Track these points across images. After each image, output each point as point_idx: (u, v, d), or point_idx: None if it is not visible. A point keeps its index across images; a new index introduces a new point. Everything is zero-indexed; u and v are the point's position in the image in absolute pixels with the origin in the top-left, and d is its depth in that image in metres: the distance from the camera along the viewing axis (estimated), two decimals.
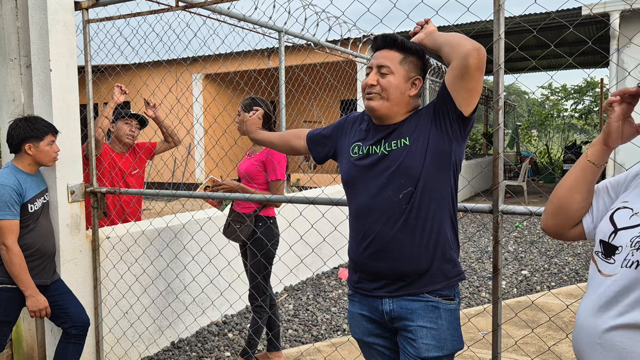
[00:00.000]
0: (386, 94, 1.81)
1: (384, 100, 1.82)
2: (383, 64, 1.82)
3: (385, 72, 1.82)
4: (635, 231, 1.15)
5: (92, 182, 3.24)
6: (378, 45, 1.88)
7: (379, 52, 1.86)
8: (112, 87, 3.57)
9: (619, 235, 1.18)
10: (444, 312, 1.85)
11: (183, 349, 3.74)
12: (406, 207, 1.80)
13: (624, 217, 1.20)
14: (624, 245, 1.16)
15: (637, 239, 1.13)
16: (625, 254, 1.14)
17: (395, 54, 1.83)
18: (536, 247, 6.88)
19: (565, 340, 3.71)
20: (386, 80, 1.81)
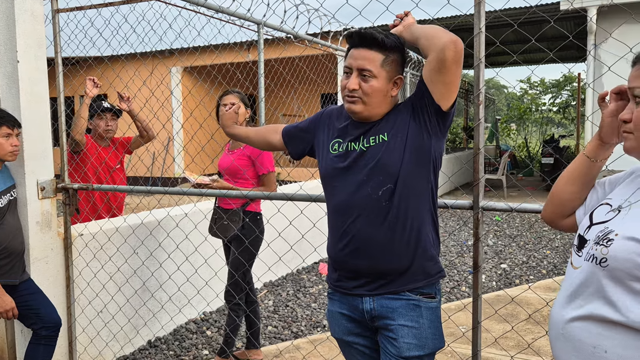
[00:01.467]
0: (368, 99, 1.74)
1: (366, 104, 1.75)
2: (365, 68, 1.72)
3: (368, 75, 1.73)
4: (602, 226, 1.18)
5: (64, 177, 3.14)
6: (355, 43, 1.76)
7: (357, 52, 1.75)
8: (84, 80, 3.47)
9: (591, 230, 1.21)
10: (425, 310, 1.82)
11: (160, 348, 3.67)
12: (386, 204, 1.76)
13: (601, 212, 1.23)
14: (590, 239, 1.19)
15: (600, 233, 1.16)
16: (589, 247, 1.17)
17: (376, 55, 1.73)
18: (515, 241, 6.93)
19: (544, 334, 3.73)
20: (369, 85, 1.73)
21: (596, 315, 1.11)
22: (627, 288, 1.07)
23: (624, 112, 1.18)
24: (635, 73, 1.16)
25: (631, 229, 1.10)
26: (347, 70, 1.78)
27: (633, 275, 1.06)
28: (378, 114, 1.79)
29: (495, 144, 17.40)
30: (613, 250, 1.10)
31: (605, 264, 1.10)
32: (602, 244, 1.13)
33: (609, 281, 1.10)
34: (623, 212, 1.19)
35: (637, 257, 1.06)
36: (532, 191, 11.42)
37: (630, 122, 1.16)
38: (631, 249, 1.06)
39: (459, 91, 1.79)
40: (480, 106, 1.99)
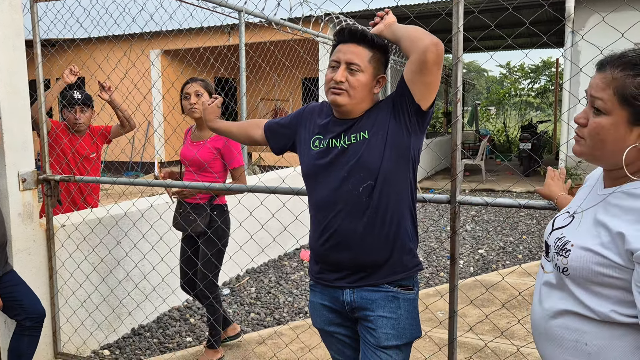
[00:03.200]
0: (354, 92, 1.80)
1: (351, 97, 1.80)
2: (353, 62, 1.78)
3: (355, 69, 1.79)
4: (559, 232, 1.26)
5: (45, 168, 3.13)
6: (345, 39, 1.82)
7: (346, 47, 1.81)
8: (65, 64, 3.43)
9: (551, 235, 1.29)
10: (403, 302, 1.89)
11: (144, 336, 3.71)
12: (366, 200, 1.81)
13: (560, 219, 1.30)
14: (551, 245, 1.26)
15: (557, 240, 1.23)
16: (552, 255, 1.24)
17: (364, 51, 1.80)
18: (492, 226, 7.09)
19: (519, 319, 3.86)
20: (356, 78, 1.79)
21: (572, 312, 1.19)
22: (590, 291, 1.15)
23: (580, 115, 1.21)
24: (599, 82, 1.16)
25: (583, 238, 1.17)
26: (334, 65, 1.82)
27: (592, 280, 1.14)
28: (360, 109, 1.84)
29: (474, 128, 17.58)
30: (571, 260, 1.17)
31: (567, 272, 1.18)
32: (562, 255, 1.20)
33: (574, 286, 1.17)
34: (577, 218, 1.25)
35: (592, 266, 1.13)
36: (511, 176, 11.62)
37: (585, 127, 1.19)
38: (586, 259, 1.14)
39: (442, 75, 1.84)
40: (458, 104, 2.04)
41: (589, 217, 1.21)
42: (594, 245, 1.14)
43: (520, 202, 1.98)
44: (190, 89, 3.11)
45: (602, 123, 1.14)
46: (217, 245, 3.12)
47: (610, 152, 1.15)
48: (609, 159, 1.17)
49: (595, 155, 1.19)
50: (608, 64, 1.16)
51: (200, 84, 3.13)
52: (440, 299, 3.99)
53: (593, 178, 1.34)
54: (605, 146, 1.16)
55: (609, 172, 1.22)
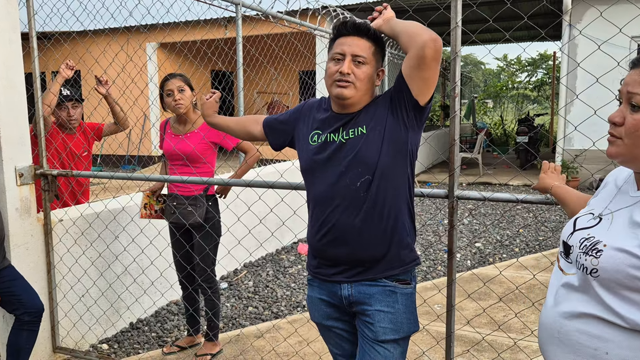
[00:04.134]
0: (360, 84, 1.79)
1: (357, 90, 1.80)
2: (359, 54, 1.78)
3: (361, 61, 1.79)
4: (584, 232, 1.19)
5: (42, 163, 3.13)
6: (348, 32, 1.82)
7: (349, 39, 1.80)
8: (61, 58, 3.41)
9: (574, 236, 1.22)
10: (401, 296, 1.90)
11: (142, 330, 3.72)
12: (364, 195, 1.82)
13: (583, 220, 1.24)
14: (574, 245, 1.20)
15: (584, 240, 1.17)
16: (576, 255, 1.18)
17: (367, 44, 1.81)
18: (489, 220, 7.11)
19: (516, 313, 3.88)
20: (362, 70, 1.79)
21: (595, 317, 1.12)
22: (620, 296, 1.09)
23: (615, 113, 1.14)
24: (637, 78, 1.11)
25: (619, 239, 1.11)
26: (338, 57, 1.80)
27: (624, 285, 1.07)
28: (362, 102, 1.85)
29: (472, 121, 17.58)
30: (603, 261, 1.10)
31: (596, 274, 1.11)
32: (592, 255, 1.13)
33: (602, 289, 1.11)
34: (605, 220, 1.19)
35: (627, 268, 1.07)
36: (508, 169, 11.64)
37: (621, 126, 1.13)
38: (621, 261, 1.07)
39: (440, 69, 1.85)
40: (457, 99, 2.04)
41: (623, 219, 1.15)
42: (632, 247, 1.07)
43: (518, 196, 1.98)
44: (171, 85, 3.07)
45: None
46: (214, 236, 3.13)
47: None
48: None
49: (635, 155, 1.13)
50: None
51: (180, 79, 3.10)
52: (438, 292, 4.01)
53: (617, 179, 1.29)
54: None
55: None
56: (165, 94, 3.11)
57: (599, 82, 1.97)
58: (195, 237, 3.12)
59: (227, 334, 3.62)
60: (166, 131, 3.22)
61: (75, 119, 3.58)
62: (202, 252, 3.11)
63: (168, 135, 3.19)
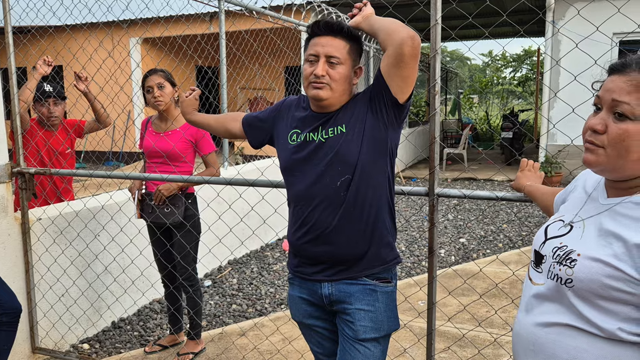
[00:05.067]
0: (336, 85, 1.78)
1: (333, 91, 1.78)
2: (332, 54, 1.76)
3: (335, 62, 1.77)
4: (557, 241, 1.17)
5: (20, 161, 3.07)
6: (321, 32, 1.79)
7: (323, 39, 1.78)
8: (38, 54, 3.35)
9: (546, 245, 1.20)
10: (381, 294, 1.89)
11: (124, 329, 3.68)
12: (344, 194, 1.81)
13: (555, 228, 1.22)
14: (547, 255, 1.18)
15: (557, 250, 1.15)
16: (549, 265, 1.16)
17: (342, 43, 1.78)
18: (474, 215, 7.15)
19: (498, 307, 3.91)
20: (336, 71, 1.77)
21: (570, 326, 1.10)
22: (596, 305, 1.07)
23: (595, 120, 1.11)
24: (622, 85, 1.07)
25: (592, 249, 1.09)
26: (312, 59, 1.79)
27: (599, 294, 1.06)
28: (340, 102, 1.83)
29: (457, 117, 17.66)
30: (578, 271, 1.08)
31: (571, 284, 1.09)
32: (566, 265, 1.11)
33: (577, 299, 1.09)
34: (577, 228, 1.17)
35: (602, 278, 1.05)
36: (492, 165, 11.72)
37: (602, 134, 1.09)
38: (595, 270, 1.06)
39: (423, 64, 1.84)
40: (437, 96, 2.04)
41: (594, 226, 1.13)
42: (605, 256, 1.05)
43: (497, 194, 1.99)
44: (151, 81, 3.03)
45: (628, 129, 1.05)
46: (194, 235, 3.11)
47: (634, 161, 1.07)
48: (630, 169, 1.08)
49: (616, 165, 1.09)
50: (633, 65, 1.07)
51: (161, 75, 3.05)
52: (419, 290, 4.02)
53: (585, 184, 1.27)
54: (629, 155, 1.06)
55: (617, 182, 1.13)
56: (145, 90, 3.06)
57: (577, 80, 1.98)
58: (175, 235, 3.09)
59: (209, 333, 3.59)
60: (147, 129, 3.18)
61: (56, 116, 3.51)
62: (183, 251, 3.08)
63: (149, 133, 3.15)
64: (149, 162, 3.11)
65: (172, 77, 3.10)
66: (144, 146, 3.11)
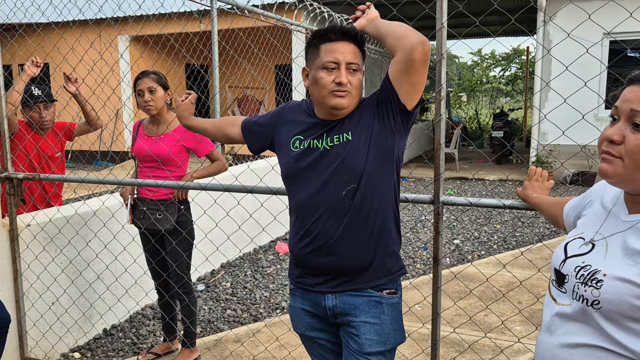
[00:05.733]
0: (355, 92, 1.74)
1: (353, 98, 1.74)
2: (352, 61, 1.71)
3: (355, 69, 1.72)
4: (579, 260, 1.13)
5: (7, 166, 2.97)
6: (336, 37, 1.72)
7: (340, 46, 1.71)
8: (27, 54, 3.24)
9: (567, 263, 1.16)
10: (387, 306, 1.84)
11: (116, 336, 3.59)
12: (349, 203, 1.75)
13: (575, 246, 1.19)
14: (569, 274, 1.14)
15: (580, 269, 1.11)
16: (573, 284, 1.12)
17: (356, 49, 1.73)
18: (467, 215, 7.13)
19: (495, 310, 3.88)
20: (356, 78, 1.73)
21: (598, 347, 1.07)
22: (624, 327, 1.03)
23: (612, 130, 1.08)
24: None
25: (618, 268, 1.05)
26: (332, 66, 1.70)
27: (628, 316, 1.02)
28: (352, 109, 1.78)
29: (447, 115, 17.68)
30: (605, 292, 1.04)
31: (598, 306, 1.05)
32: (592, 285, 1.07)
33: (605, 322, 1.05)
34: (599, 247, 1.13)
35: (631, 299, 1.01)
36: (483, 164, 11.73)
37: (620, 144, 1.07)
38: (624, 291, 1.02)
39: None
40: (442, 101, 1.98)
41: (618, 245, 1.09)
42: (634, 276, 1.01)
43: (505, 202, 1.94)
44: (142, 85, 2.93)
45: None
46: (187, 241, 3.03)
47: None
48: None
49: (635, 177, 1.06)
50: None
51: (152, 78, 2.95)
52: (418, 288, 3.98)
53: (603, 199, 1.23)
54: None
55: (638, 196, 1.10)
56: (137, 94, 2.98)
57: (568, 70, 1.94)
58: (168, 242, 3.01)
59: (204, 340, 3.52)
60: (139, 132, 3.09)
61: (48, 120, 3.41)
62: (176, 258, 3.01)
63: (141, 137, 3.06)
64: (142, 166, 3.02)
65: (165, 80, 3.01)
66: (136, 150, 3.02)
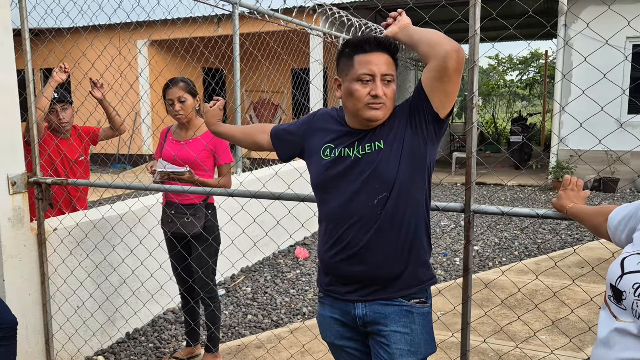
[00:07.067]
0: (390, 103, 1.73)
1: (388, 109, 1.73)
2: (387, 72, 1.69)
3: (390, 79, 1.71)
4: (637, 277, 1.12)
5: (36, 171, 3.00)
6: (371, 48, 1.70)
7: (374, 57, 1.69)
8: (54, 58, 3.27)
9: (623, 279, 1.15)
10: (418, 316, 1.82)
11: (139, 340, 3.61)
12: (380, 212, 1.74)
13: (632, 262, 1.17)
14: (627, 290, 1.13)
15: (639, 287, 1.10)
16: (631, 302, 1.11)
17: (390, 59, 1.72)
18: (486, 221, 7.06)
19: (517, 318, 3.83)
20: (391, 89, 1.71)
21: None
22: None
23: None
24: None
25: None
26: (367, 78, 1.69)
27: None
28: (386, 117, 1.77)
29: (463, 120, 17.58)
30: None
31: None
32: None
33: None
34: None
35: None
36: (500, 168, 11.64)
37: None
38: None
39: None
40: (474, 109, 1.97)
41: None
42: None
43: (539, 211, 1.91)
44: (172, 94, 2.95)
45: None
46: (213, 247, 3.04)
47: None
48: None
49: None
50: None
51: (182, 87, 2.96)
52: (439, 296, 3.94)
53: None
54: None
55: None
56: (167, 103, 3.00)
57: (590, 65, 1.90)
58: (194, 247, 3.02)
59: (227, 345, 3.52)
60: (167, 138, 3.11)
61: (67, 121, 3.44)
62: (202, 263, 3.02)
63: (169, 142, 3.08)
64: None
65: (194, 86, 3.03)
66: (164, 155, 3.04)
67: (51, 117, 3.40)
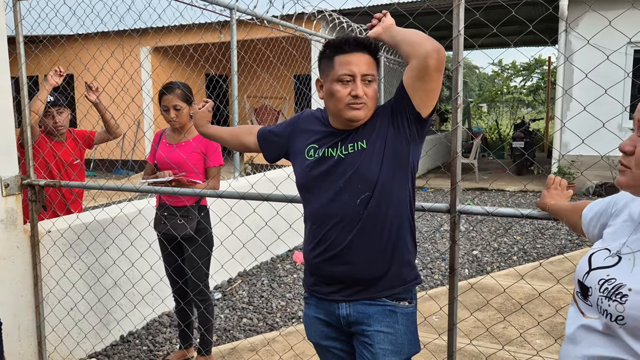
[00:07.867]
0: (371, 103, 1.74)
1: (369, 109, 1.74)
2: (367, 72, 1.70)
3: (371, 79, 1.72)
4: (603, 273, 1.11)
5: (29, 173, 3.03)
6: (350, 49, 1.71)
7: (355, 57, 1.70)
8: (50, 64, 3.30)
9: (590, 275, 1.14)
10: (401, 316, 1.82)
11: (133, 343, 3.62)
12: (363, 212, 1.74)
13: (600, 258, 1.16)
14: (593, 287, 1.12)
15: (604, 282, 1.09)
16: (596, 298, 1.10)
17: (371, 59, 1.73)
18: (486, 226, 7.04)
19: (514, 323, 3.81)
20: (372, 89, 1.72)
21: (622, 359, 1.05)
22: None
23: (625, 142, 1.10)
24: None
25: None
26: (347, 79, 1.70)
27: None
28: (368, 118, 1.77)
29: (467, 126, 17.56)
30: (630, 308, 1.01)
31: (622, 321, 1.03)
32: (616, 300, 1.04)
33: (630, 337, 1.03)
34: (626, 260, 1.10)
35: None
36: (503, 174, 11.59)
37: (632, 154, 1.08)
38: None
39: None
40: (459, 109, 1.97)
41: None
42: None
43: (523, 212, 1.91)
44: (168, 102, 2.96)
45: None
46: (205, 249, 3.05)
47: None
48: None
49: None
50: None
51: (178, 95, 2.96)
52: (435, 298, 3.93)
53: (632, 211, 1.20)
54: None
55: None
56: (162, 109, 3.02)
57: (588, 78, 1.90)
58: (186, 249, 3.03)
59: (220, 348, 3.52)
60: (160, 141, 3.14)
61: (62, 125, 3.45)
62: (194, 265, 3.02)
63: (162, 145, 3.12)
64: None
65: (190, 92, 3.04)
66: (157, 158, 3.06)
67: (47, 120, 3.42)
